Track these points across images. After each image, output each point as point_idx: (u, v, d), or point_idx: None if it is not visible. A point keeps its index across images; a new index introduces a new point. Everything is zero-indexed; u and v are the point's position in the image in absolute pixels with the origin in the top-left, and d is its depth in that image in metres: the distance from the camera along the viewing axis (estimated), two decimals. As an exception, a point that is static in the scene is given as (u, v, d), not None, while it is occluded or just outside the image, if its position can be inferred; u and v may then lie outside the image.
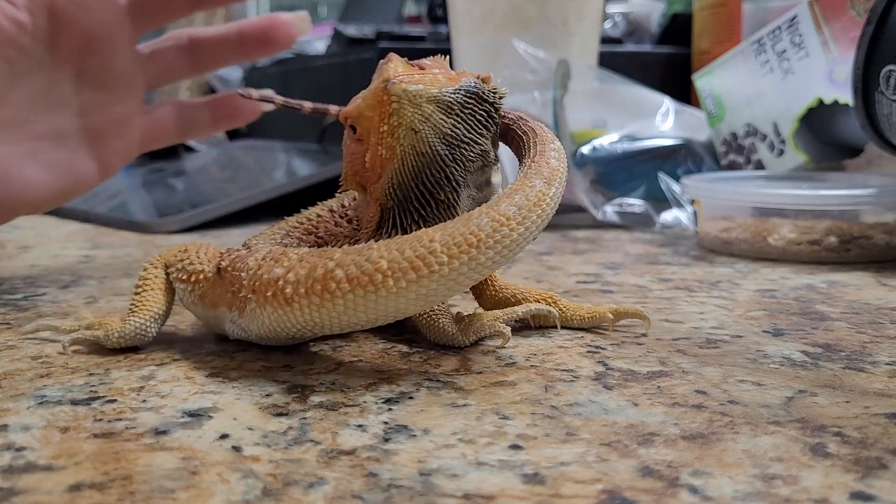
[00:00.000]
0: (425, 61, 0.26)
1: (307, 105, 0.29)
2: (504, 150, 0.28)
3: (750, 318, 0.30)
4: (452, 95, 0.24)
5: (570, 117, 0.56)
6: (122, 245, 0.49)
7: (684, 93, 0.75)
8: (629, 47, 0.85)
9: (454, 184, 0.25)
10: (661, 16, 0.96)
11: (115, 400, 0.22)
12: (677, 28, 0.84)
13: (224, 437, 0.19)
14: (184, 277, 0.27)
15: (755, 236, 0.41)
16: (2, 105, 0.34)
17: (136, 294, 0.27)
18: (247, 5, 1.02)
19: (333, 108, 0.29)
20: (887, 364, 0.24)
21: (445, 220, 0.23)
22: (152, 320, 0.26)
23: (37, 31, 0.34)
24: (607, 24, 0.91)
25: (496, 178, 0.27)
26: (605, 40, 0.78)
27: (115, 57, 0.36)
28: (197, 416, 0.20)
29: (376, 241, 0.23)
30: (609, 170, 0.54)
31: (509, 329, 0.26)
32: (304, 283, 0.22)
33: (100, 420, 0.20)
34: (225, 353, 0.26)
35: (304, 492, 0.16)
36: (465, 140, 0.25)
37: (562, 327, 0.28)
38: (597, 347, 0.26)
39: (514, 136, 0.26)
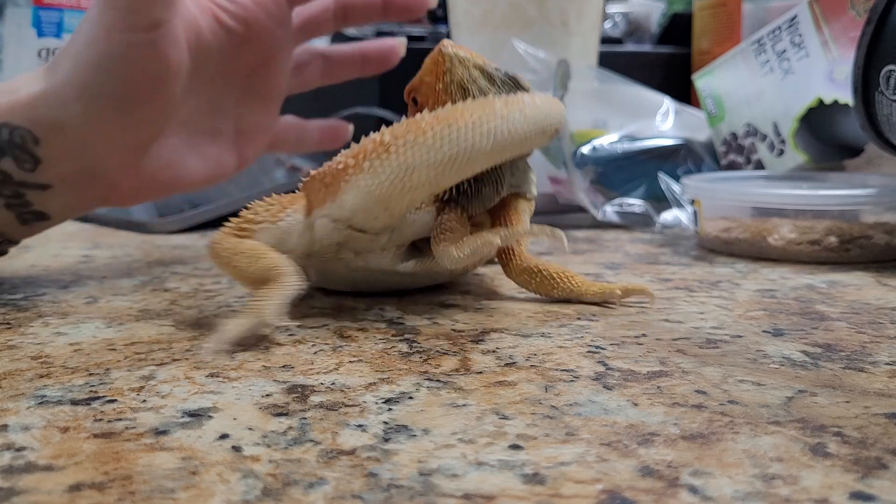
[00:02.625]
0: (459, 46, 0.30)
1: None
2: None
3: (750, 318, 0.30)
4: (495, 70, 0.30)
5: (570, 117, 0.56)
6: (122, 245, 0.49)
7: (684, 93, 0.75)
8: (629, 47, 0.85)
9: None
10: (661, 16, 0.96)
11: (115, 400, 0.22)
12: (677, 28, 0.84)
13: (224, 437, 0.19)
14: (281, 209, 0.30)
15: (755, 236, 0.41)
16: (184, 104, 0.38)
17: (260, 258, 0.28)
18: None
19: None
20: (887, 364, 0.24)
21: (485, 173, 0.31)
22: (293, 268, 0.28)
23: (225, 46, 0.38)
24: (607, 24, 0.91)
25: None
26: (605, 40, 0.78)
27: (276, 78, 0.42)
28: (197, 416, 0.20)
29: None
30: (609, 170, 0.54)
31: (498, 239, 0.29)
32: (397, 131, 0.27)
33: (100, 420, 0.20)
34: (225, 353, 0.26)
35: (304, 492, 0.16)
36: None
37: (576, 301, 0.32)
38: (597, 347, 0.26)
39: None
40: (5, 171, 0.33)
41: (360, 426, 0.20)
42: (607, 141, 0.55)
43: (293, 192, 0.32)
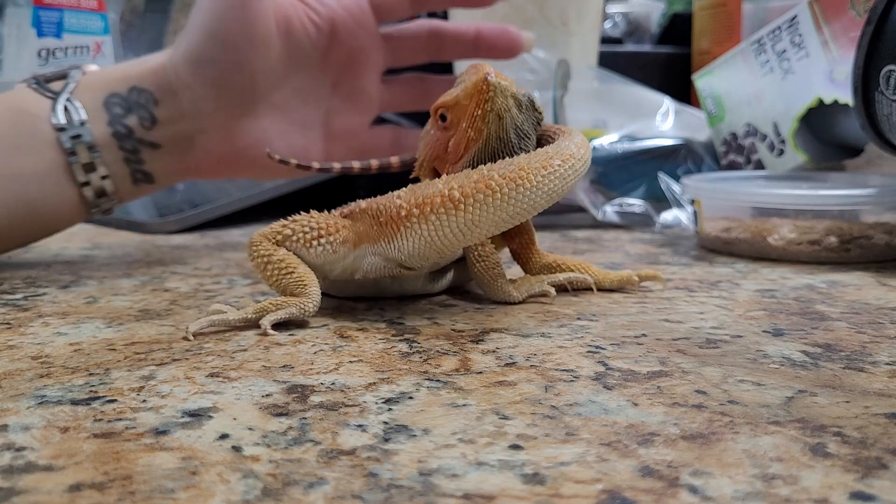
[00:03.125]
0: (499, 74, 0.31)
1: (315, 165, 0.37)
2: None
3: (750, 318, 0.30)
4: (523, 97, 0.31)
5: (570, 117, 0.56)
6: (122, 245, 0.49)
7: (684, 93, 0.75)
8: (629, 47, 0.85)
9: None
10: (661, 16, 0.96)
11: (115, 400, 0.22)
12: (677, 28, 0.84)
13: (224, 437, 0.19)
14: (318, 235, 0.30)
15: (755, 236, 0.41)
16: (276, 89, 0.42)
17: (289, 273, 0.30)
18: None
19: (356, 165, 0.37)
20: (887, 364, 0.24)
21: None
22: (318, 287, 0.30)
23: (316, 42, 0.42)
24: (607, 24, 0.91)
25: None
26: (605, 40, 0.78)
27: (364, 80, 0.45)
28: (197, 416, 0.20)
29: None
30: (609, 170, 0.54)
31: (553, 289, 0.32)
32: (467, 185, 0.27)
33: (100, 420, 0.20)
34: (225, 353, 0.26)
35: (304, 492, 0.16)
36: (527, 133, 0.31)
37: (598, 289, 0.34)
38: (597, 347, 0.26)
39: (546, 139, 0.32)
40: (129, 127, 0.39)
41: (360, 426, 0.20)
42: (607, 141, 0.55)
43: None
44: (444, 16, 0.65)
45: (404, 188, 0.30)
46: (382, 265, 0.30)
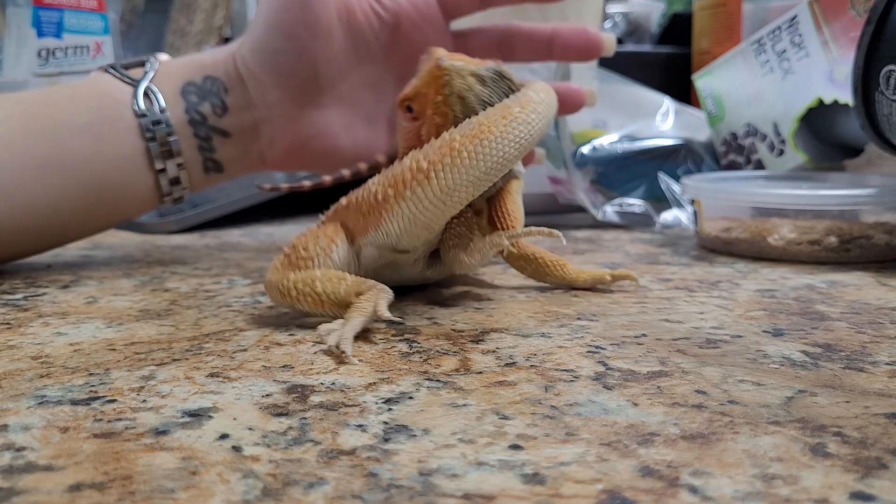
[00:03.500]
0: (451, 54, 0.31)
1: (307, 184, 0.39)
2: None
3: (750, 318, 0.30)
4: (485, 72, 0.31)
5: (570, 117, 0.56)
6: (121, 245, 0.49)
7: (684, 93, 0.75)
8: (629, 47, 0.85)
9: None
10: (661, 16, 0.96)
11: (115, 400, 0.22)
12: (677, 28, 0.84)
13: (224, 437, 0.19)
14: (328, 244, 0.30)
15: (755, 236, 0.41)
16: (341, 80, 0.42)
17: (344, 279, 0.28)
18: (247, 5, 1.02)
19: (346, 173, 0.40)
20: (887, 364, 0.24)
21: None
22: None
23: (380, 34, 0.42)
24: (607, 24, 0.91)
25: None
26: (605, 40, 0.78)
27: None
28: (197, 416, 0.20)
29: None
30: (609, 170, 0.54)
31: (507, 242, 0.31)
32: (432, 154, 0.28)
33: (100, 420, 0.20)
34: (225, 353, 0.26)
35: (304, 492, 0.16)
36: (496, 104, 0.30)
37: (570, 288, 0.35)
38: (597, 347, 0.26)
39: None
40: (203, 114, 0.40)
41: (360, 426, 0.20)
42: (607, 141, 0.55)
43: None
44: None
45: (377, 175, 0.30)
46: (377, 254, 0.31)
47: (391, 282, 0.33)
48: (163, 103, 0.40)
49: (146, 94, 0.40)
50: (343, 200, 0.31)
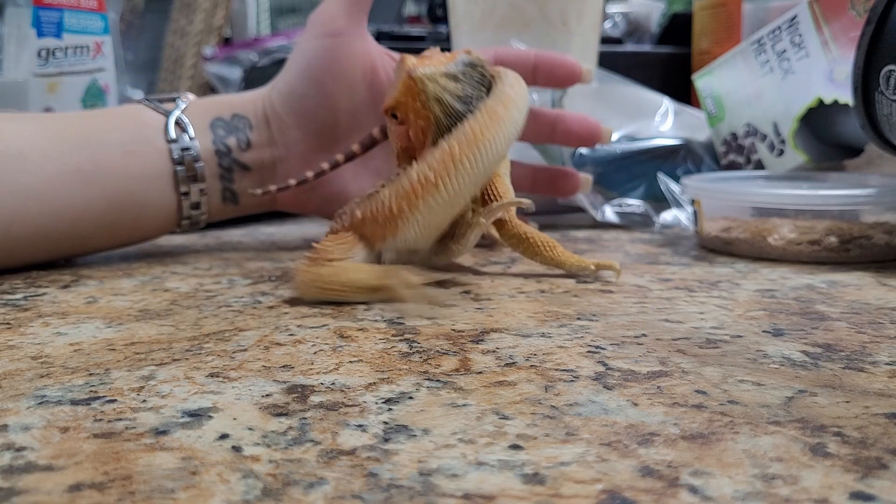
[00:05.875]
0: (424, 54, 0.34)
1: (325, 166, 0.41)
2: None
3: (750, 318, 0.30)
4: (454, 68, 0.33)
5: (570, 117, 0.56)
6: (122, 245, 0.49)
7: (684, 93, 0.75)
8: (629, 47, 0.85)
9: None
10: (661, 16, 0.96)
11: (115, 400, 0.22)
12: (677, 28, 0.84)
13: (224, 437, 0.19)
14: (350, 246, 0.34)
15: (755, 236, 0.41)
16: (359, 132, 0.44)
17: (373, 266, 0.33)
18: (247, 5, 1.02)
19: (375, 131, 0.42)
20: (887, 364, 0.24)
21: None
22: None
23: None
24: (607, 24, 0.91)
25: None
26: (605, 40, 0.78)
27: None
28: (197, 416, 0.20)
29: None
30: (609, 170, 0.54)
31: (485, 220, 0.34)
32: (435, 165, 0.31)
33: (100, 420, 0.20)
34: (225, 353, 0.26)
35: (304, 492, 0.16)
36: (472, 95, 0.33)
37: (565, 274, 0.37)
38: (597, 347, 0.26)
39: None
40: (229, 146, 0.43)
41: (360, 426, 0.20)
42: (607, 141, 0.55)
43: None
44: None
45: (384, 183, 0.33)
46: (397, 256, 0.34)
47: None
48: (192, 133, 0.43)
49: (177, 124, 0.43)
50: (357, 213, 0.34)
